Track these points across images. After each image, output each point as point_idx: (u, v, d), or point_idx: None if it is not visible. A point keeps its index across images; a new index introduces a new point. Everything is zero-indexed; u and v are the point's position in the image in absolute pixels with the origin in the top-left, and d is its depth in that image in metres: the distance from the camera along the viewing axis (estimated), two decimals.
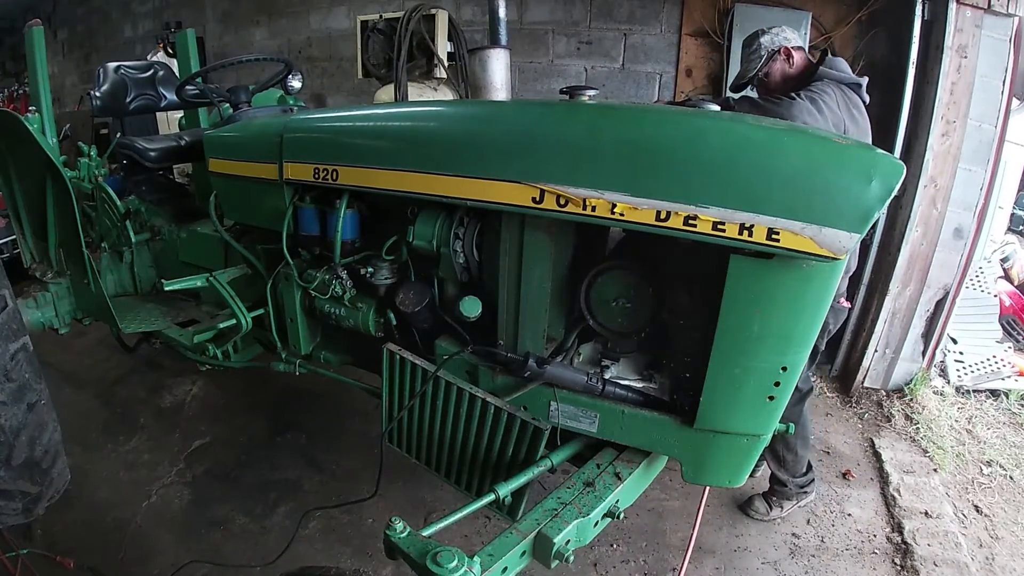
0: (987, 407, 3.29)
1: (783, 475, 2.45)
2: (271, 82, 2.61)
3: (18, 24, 8.20)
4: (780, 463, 2.44)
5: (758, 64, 2.25)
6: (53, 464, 2.03)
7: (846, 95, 2.12)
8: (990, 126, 2.98)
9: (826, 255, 1.17)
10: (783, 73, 2.26)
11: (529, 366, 1.54)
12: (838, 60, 2.22)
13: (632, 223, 1.30)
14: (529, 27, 4.53)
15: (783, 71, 2.26)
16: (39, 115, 2.56)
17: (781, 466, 2.44)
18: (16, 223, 2.85)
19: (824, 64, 2.17)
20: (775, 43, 2.24)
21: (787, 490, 2.47)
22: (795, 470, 2.44)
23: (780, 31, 2.27)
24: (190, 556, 2.20)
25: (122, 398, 3.26)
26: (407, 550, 1.23)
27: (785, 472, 2.44)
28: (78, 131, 5.53)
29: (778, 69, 2.25)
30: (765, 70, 2.26)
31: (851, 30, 3.59)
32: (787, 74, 2.26)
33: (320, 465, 2.77)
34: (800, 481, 2.46)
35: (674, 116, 1.42)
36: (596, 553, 2.31)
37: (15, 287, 2.09)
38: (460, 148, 1.52)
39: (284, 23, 5.81)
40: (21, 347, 1.93)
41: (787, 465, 2.44)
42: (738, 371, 1.38)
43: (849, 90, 2.14)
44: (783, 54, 2.24)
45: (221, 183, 2.20)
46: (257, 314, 2.22)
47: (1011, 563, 2.33)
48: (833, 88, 2.09)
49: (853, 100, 2.14)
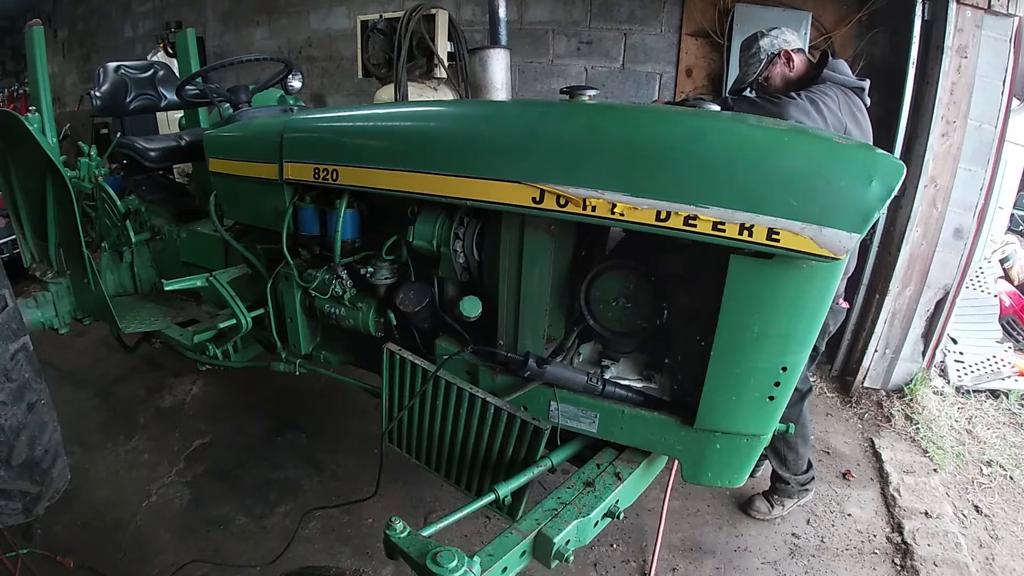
0: (987, 407, 3.29)
1: (785, 473, 2.46)
2: (271, 82, 2.61)
3: (18, 24, 8.22)
4: (782, 461, 2.45)
5: (757, 68, 2.23)
6: (53, 464, 2.03)
7: (849, 98, 2.11)
8: (990, 126, 2.98)
9: (826, 255, 1.17)
10: (783, 77, 2.23)
11: (529, 366, 1.54)
12: (839, 63, 2.19)
13: (632, 223, 1.31)
14: (529, 27, 4.53)
15: (783, 75, 2.23)
16: (39, 115, 2.55)
17: (783, 464, 2.45)
18: (16, 223, 2.85)
19: (826, 67, 2.15)
20: (774, 46, 2.21)
21: (789, 488, 2.47)
22: (796, 468, 2.45)
23: (780, 33, 2.23)
24: (190, 556, 2.20)
25: (122, 398, 3.26)
26: (407, 550, 1.23)
27: (787, 470, 2.45)
28: (78, 131, 5.53)
29: (778, 73, 2.23)
30: (765, 74, 2.23)
31: (851, 30, 3.59)
32: (787, 78, 2.23)
33: (320, 465, 2.77)
34: (801, 479, 2.47)
35: (674, 116, 1.42)
36: (596, 553, 2.31)
37: (15, 287, 2.09)
38: (460, 148, 1.52)
39: (284, 23, 5.81)
40: (21, 347, 1.93)
41: (788, 464, 2.45)
42: (738, 371, 1.38)
43: (852, 93, 2.13)
44: (783, 57, 2.22)
45: (221, 183, 2.20)
46: (257, 314, 2.22)
47: (1011, 563, 2.33)
48: (836, 91, 2.08)
49: (856, 103, 2.13)
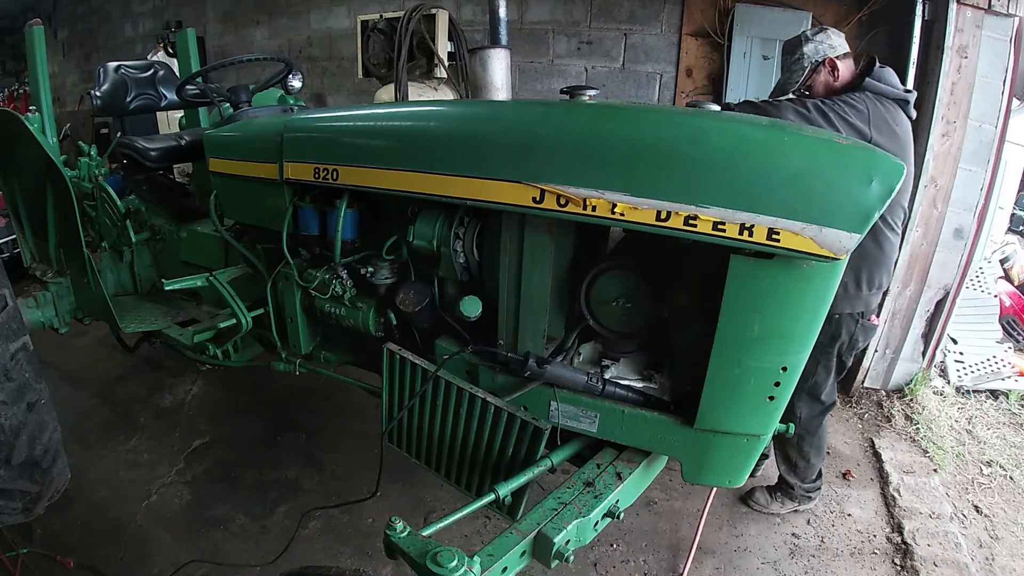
0: (987, 407, 3.29)
1: (792, 479, 2.44)
2: (271, 82, 2.61)
3: (18, 23, 8.22)
4: (791, 468, 2.42)
5: (800, 76, 2.03)
6: (53, 463, 2.03)
7: (886, 109, 1.94)
8: (990, 126, 2.98)
9: (826, 255, 1.17)
10: (827, 86, 2.05)
11: (529, 366, 1.54)
12: (885, 71, 2.00)
13: (632, 223, 1.30)
14: (529, 27, 4.53)
15: (827, 83, 2.05)
16: (39, 114, 2.55)
17: (792, 470, 2.43)
18: (16, 222, 2.85)
19: (872, 75, 1.97)
20: (819, 52, 2.02)
21: (793, 492, 2.47)
22: (805, 476, 2.43)
23: (825, 38, 2.04)
24: (190, 556, 2.20)
25: (122, 398, 3.26)
26: (407, 550, 1.23)
27: (795, 477, 2.43)
28: (78, 131, 5.53)
29: (821, 82, 2.05)
30: (808, 82, 2.05)
31: (851, 30, 3.59)
32: (831, 87, 2.05)
33: (320, 465, 2.77)
34: (807, 487, 2.46)
35: (674, 116, 1.42)
36: (596, 553, 2.31)
37: (15, 286, 2.09)
38: (460, 148, 1.52)
39: (284, 23, 5.81)
40: (21, 346, 1.93)
41: (798, 471, 2.42)
42: (738, 371, 1.38)
43: (892, 105, 1.96)
44: (827, 65, 2.03)
45: (221, 183, 2.20)
46: (257, 314, 2.22)
47: (1011, 563, 2.33)
48: (868, 101, 1.91)
49: (895, 115, 1.96)
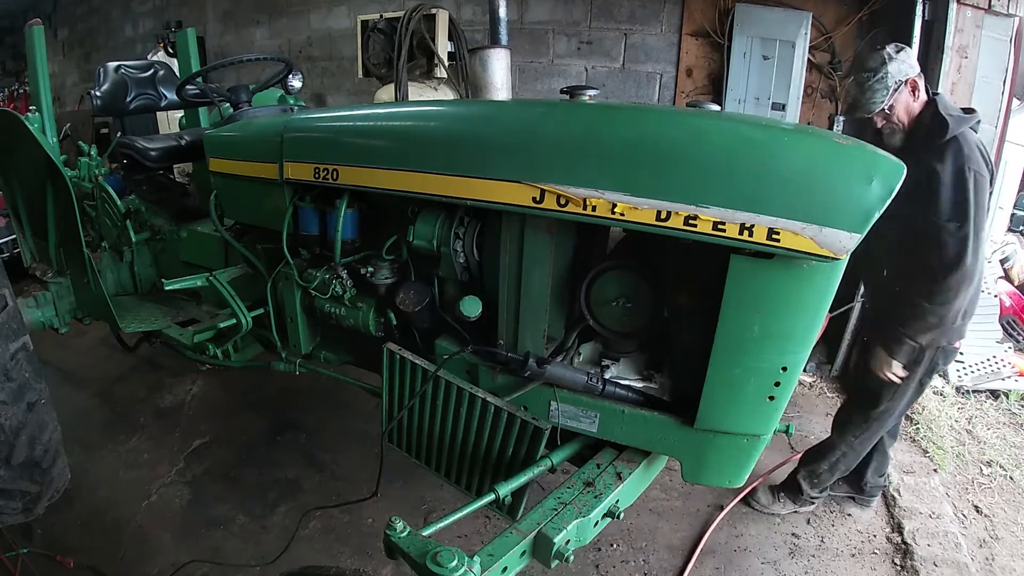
0: (987, 407, 3.29)
1: (806, 484, 2.42)
2: (271, 82, 2.61)
3: (18, 23, 8.21)
4: (812, 475, 2.40)
5: (884, 96, 1.92)
6: (53, 463, 2.03)
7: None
8: (990, 126, 2.98)
9: (826, 255, 1.17)
10: (907, 108, 1.96)
11: (529, 366, 1.54)
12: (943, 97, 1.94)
13: (632, 223, 1.31)
14: (529, 27, 4.53)
15: (907, 104, 1.95)
16: (39, 114, 2.55)
17: (811, 477, 2.41)
18: (16, 222, 2.85)
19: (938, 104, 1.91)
20: (902, 72, 1.91)
21: (799, 496, 2.46)
22: (819, 485, 2.43)
23: (907, 56, 1.93)
24: (190, 556, 2.20)
25: (122, 398, 3.26)
26: (407, 550, 1.23)
27: (809, 484, 2.42)
28: (78, 130, 5.53)
29: (903, 103, 1.95)
30: (890, 103, 1.94)
31: (852, 30, 3.60)
32: (911, 109, 1.96)
33: (320, 465, 2.77)
34: (814, 494, 2.45)
35: (674, 116, 1.42)
36: (596, 553, 2.31)
37: (15, 286, 2.09)
38: (460, 148, 1.52)
39: (284, 23, 5.81)
40: (21, 346, 1.93)
41: (816, 479, 2.40)
42: (738, 371, 1.38)
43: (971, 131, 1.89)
44: (909, 86, 1.93)
45: (221, 183, 2.20)
46: (257, 314, 2.22)
47: (1011, 563, 2.33)
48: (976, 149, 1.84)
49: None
